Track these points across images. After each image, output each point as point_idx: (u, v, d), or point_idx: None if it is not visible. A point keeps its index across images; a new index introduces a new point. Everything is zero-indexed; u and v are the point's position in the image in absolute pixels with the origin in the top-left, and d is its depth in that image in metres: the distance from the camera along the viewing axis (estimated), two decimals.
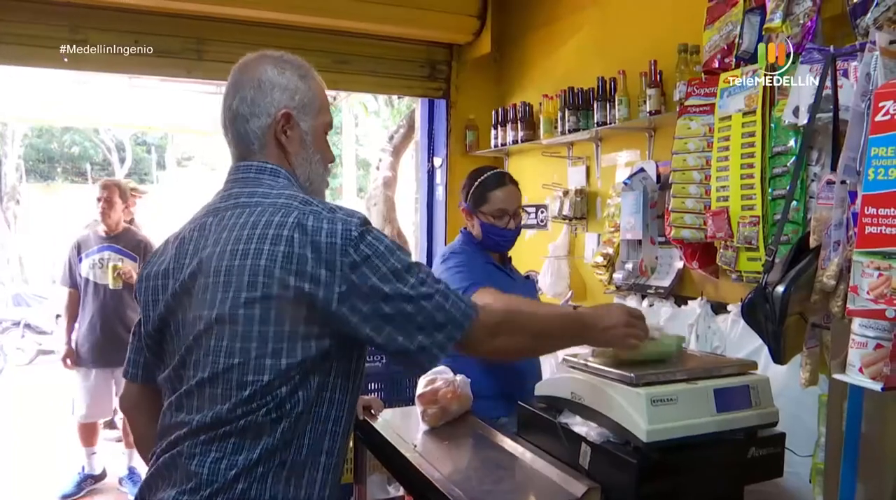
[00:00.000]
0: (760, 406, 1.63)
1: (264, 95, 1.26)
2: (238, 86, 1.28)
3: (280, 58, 1.32)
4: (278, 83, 1.27)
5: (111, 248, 3.71)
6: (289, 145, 1.29)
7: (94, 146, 16.34)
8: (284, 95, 1.27)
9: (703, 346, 2.33)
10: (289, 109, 1.27)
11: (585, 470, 1.62)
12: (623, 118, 2.72)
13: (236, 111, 1.27)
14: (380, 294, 1.14)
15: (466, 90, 3.95)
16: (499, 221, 2.28)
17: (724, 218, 2.01)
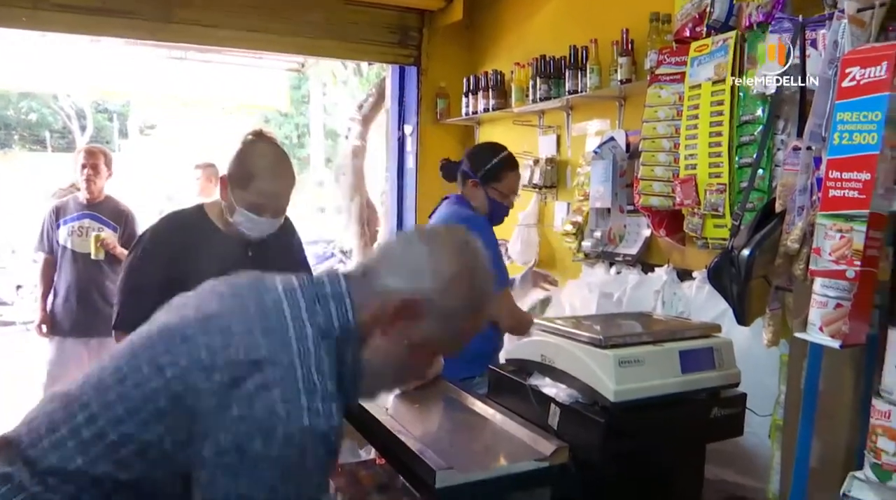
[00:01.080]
0: (723, 368, 1.69)
1: (417, 267, 1.07)
2: (417, 239, 1.12)
3: (472, 254, 1.12)
4: (440, 267, 1.07)
5: (91, 216, 3.62)
6: (390, 327, 1.08)
7: (53, 114, 15.84)
8: (433, 281, 1.06)
9: (668, 312, 2.39)
10: (424, 298, 1.06)
11: (554, 430, 1.66)
12: (594, 87, 2.73)
13: (387, 252, 1.12)
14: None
15: (438, 57, 3.92)
16: (506, 199, 2.46)
17: (692, 186, 2.04)
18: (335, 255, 9.64)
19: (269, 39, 3.50)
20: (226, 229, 2.01)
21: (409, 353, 1.09)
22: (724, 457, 2.03)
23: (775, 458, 1.36)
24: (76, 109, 15.34)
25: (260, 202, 1.92)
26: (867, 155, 1.04)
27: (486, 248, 2.31)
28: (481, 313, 1.13)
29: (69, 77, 6.61)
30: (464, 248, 1.11)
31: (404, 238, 1.15)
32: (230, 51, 4.97)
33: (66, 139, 15.23)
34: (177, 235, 1.99)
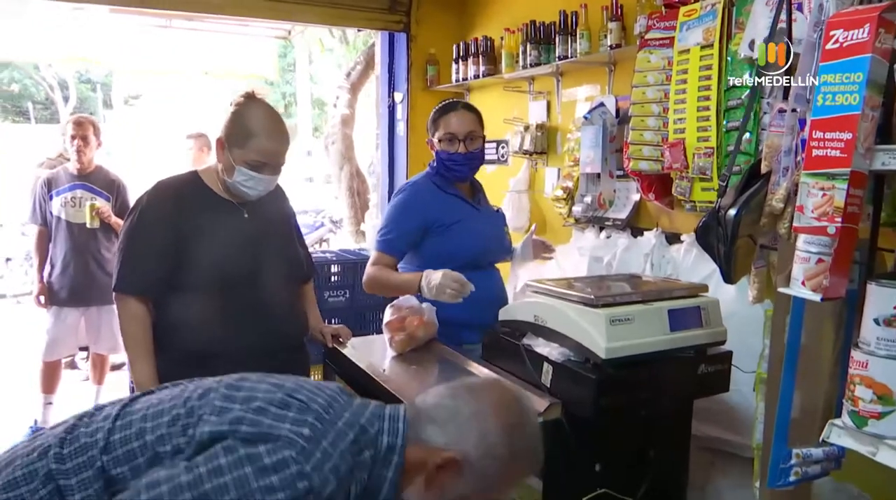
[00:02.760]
0: (710, 326, 1.75)
1: (464, 424, 1.12)
2: (469, 396, 1.16)
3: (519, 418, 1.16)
4: (485, 433, 1.11)
5: (84, 186, 3.63)
6: (432, 481, 1.12)
7: (36, 84, 15.58)
8: (475, 439, 1.11)
9: (657, 273, 2.44)
10: (465, 457, 1.10)
11: (547, 388, 1.72)
12: (584, 52, 2.74)
13: (443, 402, 1.15)
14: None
15: (427, 23, 3.90)
16: (449, 145, 2.29)
17: (681, 149, 2.08)
18: (325, 224, 9.63)
19: (255, 5, 3.47)
20: (222, 193, 2.03)
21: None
22: (710, 414, 2.11)
23: (759, 409, 1.42)
24: (59, 79, 15.07)
25: (260, 160, 1.94)
26: (849, 115, 1.07)
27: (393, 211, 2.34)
28: (518, 469, 1.18)
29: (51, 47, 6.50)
30: (511, 408, 1.16)
31: (454, 392, 1.18)
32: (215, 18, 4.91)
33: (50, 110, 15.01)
34: (173, 199, 2.00)
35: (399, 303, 2.20)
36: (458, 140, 2.29)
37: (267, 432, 1.04)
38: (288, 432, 1.05)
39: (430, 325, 2.16)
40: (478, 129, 2.35)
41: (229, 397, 1.11)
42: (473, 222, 2.39)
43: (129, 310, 1.95)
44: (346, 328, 2.28)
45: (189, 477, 1.00)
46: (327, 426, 1.09)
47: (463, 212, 2.38)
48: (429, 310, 2.17)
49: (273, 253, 2.08)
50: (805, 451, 1.26)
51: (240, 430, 1.05)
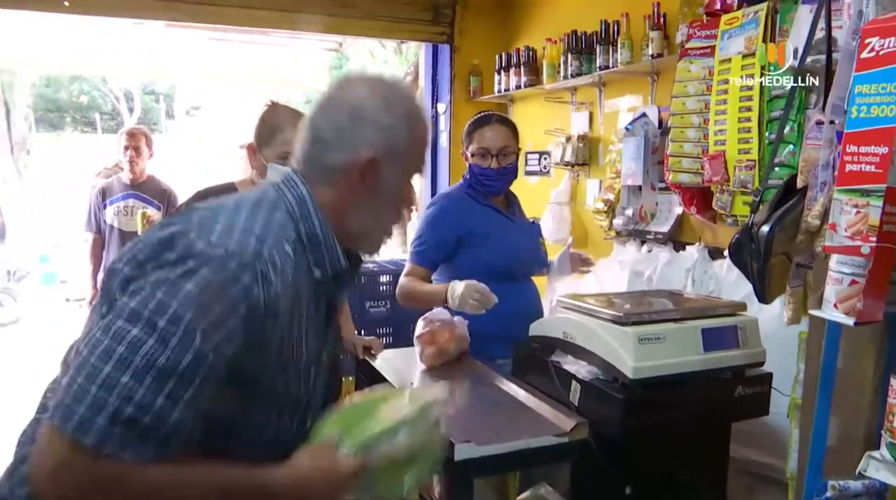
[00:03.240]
0: (748, 346, 1.68)
1: (355, 129, 1.08)
2: (332, 105, 1.11)
3: (390, 86, 1.12)
4: (375, 119, 1.08)
5: (136, 196, 3.75)
6: (361, 191, 1.10)
7: (103, 96, 16.26)
8: (378, 136, 1.08)
9: (699, 290, 2.36)
10: (377, 153, 1.08)
11: (575, 407, 1.67)
12: (625, 62, 2.69)
13: (319, 133, 1.10)
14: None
15: (471, 35, 3.90)
16: (482, 160, 2.28)
17: (721, 162, 2.01)
18: None
19: (303, 19, 3.53)
20: None
21: (391, 196, 1.13)
22: (751, 437, 2.02)
23: (793, 437, 1.35)
24: (124, 91, 15.71)
25: (289, 151, 1.98)
26: (885, 128, 1.01)
27: (426, 223, 2.29)
28: (425, 126, 1.15)
29: (117, 60, 6.79)
30: (375, 83, 1.12)
31: (321, 110, 1.12)
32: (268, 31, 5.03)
33: (116, 121, 15.62)
34: None
35: (430, 316, 2.18)
36: (492, 155, 2.28)
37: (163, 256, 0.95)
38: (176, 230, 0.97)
39: (461, 339, 2.14)
40: (512, 143, 2.33)
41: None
42: (507, 234, 2.37)
43: None
44: (378, 340, 2.28)
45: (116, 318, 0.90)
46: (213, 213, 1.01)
47: (497, 223, 2.36)
48: (460, 324, 2.15)
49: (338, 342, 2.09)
50: (842, 483, 1.19)
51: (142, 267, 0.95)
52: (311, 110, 1.13)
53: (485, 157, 2.28)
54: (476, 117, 2.36)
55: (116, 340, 0.88)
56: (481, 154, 2.28)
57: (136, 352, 0.87)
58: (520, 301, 2.40)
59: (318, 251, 1.08)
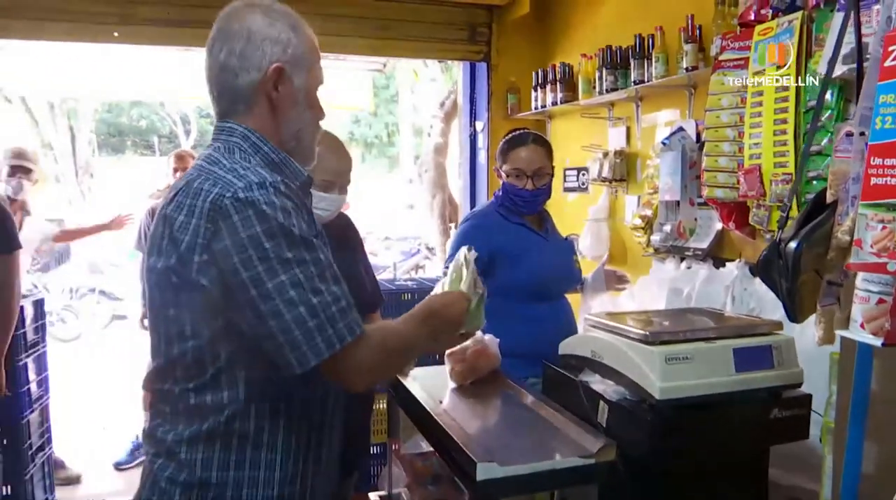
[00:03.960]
0: (783, 367, 1.61)
1: (255, 48, 1.17)
2: (225, 36, 1.19)
3: (269, 7, 1.22)
4: (269, 35, 1.18)
5: None
6: (279, 102, 1.20)
7: (161, 120, 16.90)
8: (276, 48, 1.18)
9: (738, 308, 2.29)
10: (281, 63, 1.18)
11: (603, 428, 1.64)
12: (659, 75, 2.65)
13: (224, 64, 1.19)
14: (237, 279, 1.07)
15: (508, 52, 3.91)
16: (517, 180, 2.28)
17: (757, 176, 1.95)
18: (420, 251, 9.77)
19: (342, 42, 3.61)
20: None
21: (308, 102, 1.24)
22: (795, 460, 1.94)
23: (826, 462, 1.28)
24: (181, 114, 16.30)
25: (328, 180, 2.01)
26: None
27: (459, 239, 2.29)
28: (307, 28, 1.25)
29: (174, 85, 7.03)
30: (258, 8, 1.21)
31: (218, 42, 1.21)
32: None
33: (173, 143, 16.19)
34: None
35: None
36: (527, 176, 2.27)
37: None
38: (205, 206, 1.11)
39: (491, 356, 2.12)
40: (547, 165, 2.32)
41: None
42: (540, 253, 2.36)
43: None
44: None
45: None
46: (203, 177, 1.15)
47: (529, 241, 2.35)
48: (491, 342, 2.14)
49: None
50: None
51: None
52: (207, 45, 1.23)
53: (519, 177, 2.27)
54: (511, 136, 2.35)
55: (282, 293, 1.06)
56: (516, 175, 2.28)
57: (301, 283, 1.07)
58: (553, 320, 2.38)
59: (279, 169, 1.21)
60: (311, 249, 1.10)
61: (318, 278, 1.09)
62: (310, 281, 1.08)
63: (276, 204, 1.08)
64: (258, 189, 1.09)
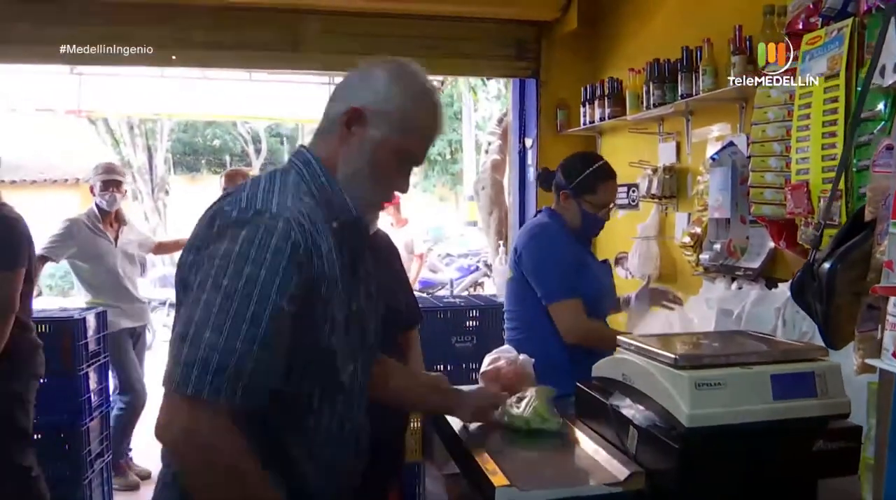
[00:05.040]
0: (827, 396, 1.50)
1: (357, 88, 1.22)
2: (351, 73, 1.27)
3: (404, 67, 1.25)
4: (375, 82, 1.21)
5: None
6: (348, 139, 1.22)
7: (233, 139, 17.55)
8: (370, 94, 1.20)
9: (789, 332, 2.17)
10: (364, 107, 1.20)
11: (633, 454, 1.57)
12: (707, 89, 2.56)
13: (332, 93, 1.28)
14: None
15: (556, 68, 3.86)
16: (600, 211, 2.35)
17: (804, 192, 1.85)
18: (480, 268, 9.74)
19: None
20: None
21: (375, 157, 1.22)
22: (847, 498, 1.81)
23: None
24: (252, 134, 16.88)
25: None
26: None
27: (550, 257, 2.27)
28: (427, 110, 1.24)
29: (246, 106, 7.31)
30: (394, 63, 1.25)
31: (344, 77, 1.29)
32: None
33: (245, 162, 16.77)
34: None
35: (496, 353, 2.15)
36: (608, 209, 2.38)
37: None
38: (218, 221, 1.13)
39: (525, 377, 2.08)
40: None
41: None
42: (595, 271, 2.41)
43: None
44: (443, 377, 2.25)
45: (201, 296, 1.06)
46: (240, 192, 1.18)
47: (586, 258, 2.39)
48: (526, 362, 2.10)
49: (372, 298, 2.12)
50: None
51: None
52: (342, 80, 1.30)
53: (601, 208, 2.35)
54: (599, 166, 2.38)
55: (193, 307, 1.03)
56: (603, 206, 2.35)
57: (210, 310, 1.02)
58: None
59: (329, 202, 1.20)
60: (254, 298, 1.04)
61: (231, 320, 1.01)
62: (220, 316, 1.01)
63: (256, 237, 1.07)
64: (254, 215, 1.09)
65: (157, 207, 13.39)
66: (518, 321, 2.41)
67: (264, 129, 16.99)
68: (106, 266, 3.80)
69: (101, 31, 3.32)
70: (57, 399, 3.01)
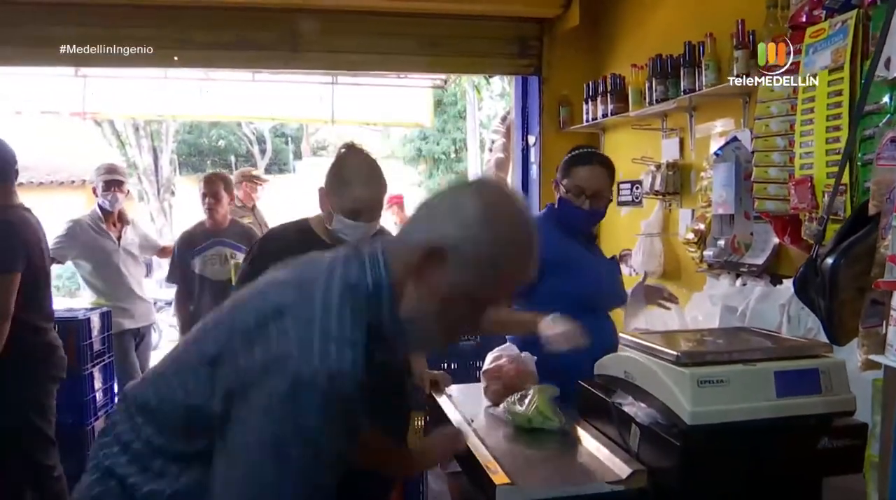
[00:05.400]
0: (832, 393, 1.48)
1: (442, 216, 1.06)
2: (444, 194, 1.12)
3: (496, 200, 1.08)
4: (463, 216, 1.04)
5: (222, 243, 3.69)
6: (419, 277, 1.06)
7: (238, 139, 17.56)
8: (456, 229, 1.04)
9: (794, 329, 2.15)
10: (447, 246, 1.04)
11: (635, 452, 1.56)
12: (710, 84, 2.54)
13: (419, 212, 1.12)
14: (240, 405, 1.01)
15: (559, 65, 3.84)
16: (575, 198, 2.24)
17: (808, 187, 1.83)
18: None
19: (391, 60, 3.64)
20: (328, 239, 2.11)
21: (446, 303, 1.07)
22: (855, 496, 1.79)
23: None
24: (257, 134, 16.89)
25: (355, 208, 2.01)
26: None
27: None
28: (518, 260, 1.10)
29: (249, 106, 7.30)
30: (489, 194, 1.08)
31: (434, 193, 1.15)
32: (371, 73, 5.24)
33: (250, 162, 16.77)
34: (280, 245, 2.11)
35: (498, 351, 2.14)
36: (585, 196, 2.24)
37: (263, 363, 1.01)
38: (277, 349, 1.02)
39: (527, 375, 2.07)
40: (606, 188, 2.29)
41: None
42: (589, 264, 2.33)
43: None
44: (446, 375, 2.25)
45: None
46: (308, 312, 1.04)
47: (579, 253, 2.33)
48: (528, 360, 2.08)
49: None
50: None
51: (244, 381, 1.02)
52: (433, 194, 1.15)
53: (577, 195, 2.24)
54: (578, 153, 2.31)
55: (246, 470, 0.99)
56: (575, 192, 2.24)
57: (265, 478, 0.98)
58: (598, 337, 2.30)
59: (381, 340, 1.08)
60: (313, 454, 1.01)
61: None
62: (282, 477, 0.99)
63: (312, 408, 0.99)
64: (326, 379, 0.99)
65: (163, 208, 13.40)
66: None
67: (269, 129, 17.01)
68: (109, 266, 3.78)
69: (101, 32, 3.32)
70: (62, 399, 3.01)
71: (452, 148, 17.34)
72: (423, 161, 17.55)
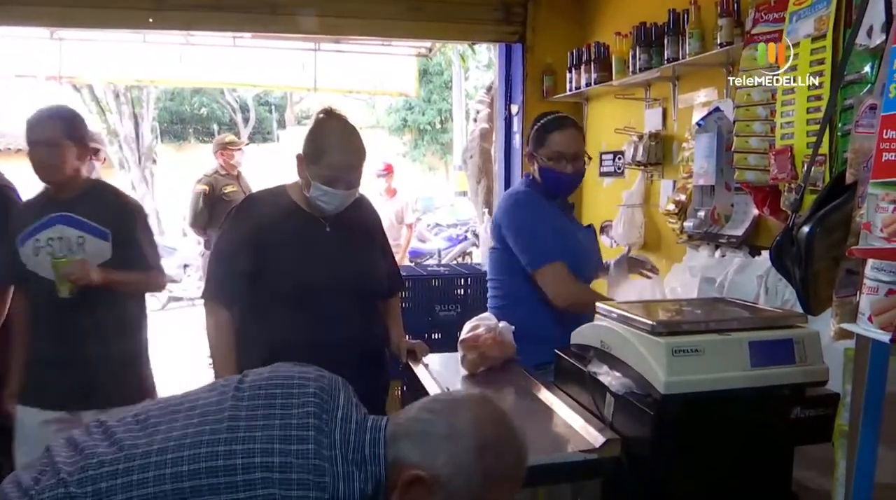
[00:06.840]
0: (806, 363, 1.49)
1: (435, 439, 1.07)
2: (446, 410, 1.11)
3: (497, 433, 1.10)
4: (457, 448, 1.06)
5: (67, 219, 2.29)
6: (402, 496, 1.07)
7: (221, 108, 17.30)
8: (447, 460, 1.05)
9: (772, 300, 2.15)
10: (432, 476, 1.05)
11: (609, 421, 1.56)
12: (694, 52, 2.50)
13: (416, 426, 1.10)
14: None
15: (543, 33, 3.77)
16: (556, 164, 2.25)
17: (788, 157, 1.81)
18: (468, 238, 9.71)
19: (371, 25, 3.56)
20: (305, 207, 2.08)
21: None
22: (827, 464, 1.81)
23: (839, 469, 1.17)
24: (240, 103, 16.65)
25: (332, 175, 1.98)
26: None
27: (527, 224, 2.23)
28: (506, 492, 1.11)
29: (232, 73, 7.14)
30: (488, 428, 1.09)
31: (431, 407, 1.13)
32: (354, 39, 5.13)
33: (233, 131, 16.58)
34: (257, 211, 2.08)
35: (476, 320, 2.13)
36: (566, 160, 2.25)
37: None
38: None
39: (505, 344, 2.06)
40: (582, 147, 2.33)
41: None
42: (573, 232, 2.37)
43: (213, 317, 2.05)
44: (423, 344, 2.24)
45: None
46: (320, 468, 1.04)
47: (563, 222, 2.36)
48: (505, 329, 2.08)
49: (352, 266, 2.09)
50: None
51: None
52: (436, 402, 1.14)
53: (559, 161, 2.24)
54: (547, 120, 2.31)
55: None
56: (556, 159, 2.24)
57: None
58: None
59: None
60: None
61: None
62: None
63: None
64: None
65: (145, 177, 13.20)
66: (501, 290, 2.39)
67: (252, 98, 16.76)
68: None
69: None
70: None
71: (438, 118, 17.22)
72: (409, 131, 17.42)
